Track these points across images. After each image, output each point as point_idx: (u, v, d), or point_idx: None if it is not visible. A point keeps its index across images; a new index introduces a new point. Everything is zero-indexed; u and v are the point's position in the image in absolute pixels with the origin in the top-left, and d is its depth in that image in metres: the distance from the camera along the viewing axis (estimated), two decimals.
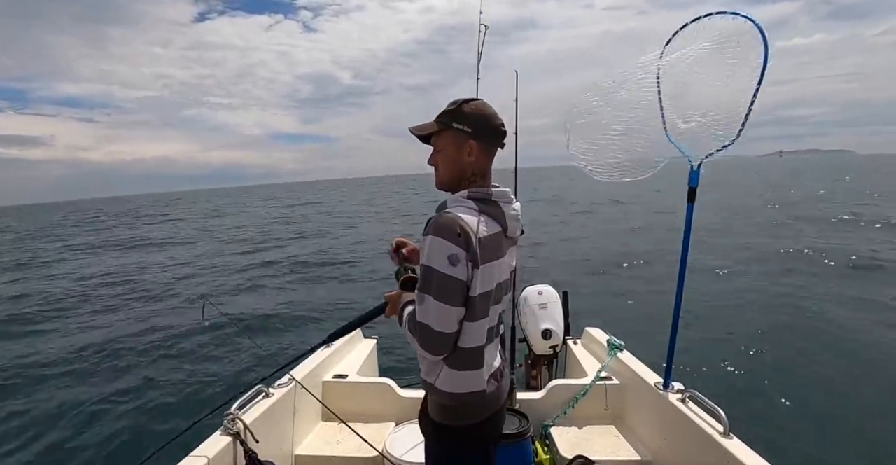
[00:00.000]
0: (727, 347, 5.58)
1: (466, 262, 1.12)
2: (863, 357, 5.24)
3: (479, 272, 1.15)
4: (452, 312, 1.14)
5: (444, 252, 1.11)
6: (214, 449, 1.74)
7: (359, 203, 38.73)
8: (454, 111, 1.23)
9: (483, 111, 1.24)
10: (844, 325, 6.28)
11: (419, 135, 1.30)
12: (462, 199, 1.22)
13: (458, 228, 1.11)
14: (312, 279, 10.11)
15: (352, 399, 2.62)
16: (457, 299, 1.14)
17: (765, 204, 20.44)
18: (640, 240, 12.70)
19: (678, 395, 2.13)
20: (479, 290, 1.16)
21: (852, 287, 7.82)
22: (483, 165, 1.26)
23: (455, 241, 1.11)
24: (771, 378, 4.71)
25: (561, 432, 2.45)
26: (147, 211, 48.11)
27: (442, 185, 1.30)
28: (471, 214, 1.17)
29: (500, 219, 1.23)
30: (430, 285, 1.13)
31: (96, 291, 9.72)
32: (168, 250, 16.04)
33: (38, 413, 4.37)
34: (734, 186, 31.26)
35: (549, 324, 3.00)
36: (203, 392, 4.70)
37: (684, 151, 1.92)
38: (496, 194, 1.24)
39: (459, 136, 1.22)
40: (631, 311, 6.93)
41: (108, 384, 5.00)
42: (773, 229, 13.67)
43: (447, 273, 1.11)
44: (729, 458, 1.68)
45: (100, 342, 6.41)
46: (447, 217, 1.14)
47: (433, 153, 1.30)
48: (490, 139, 1.25)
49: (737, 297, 7.68)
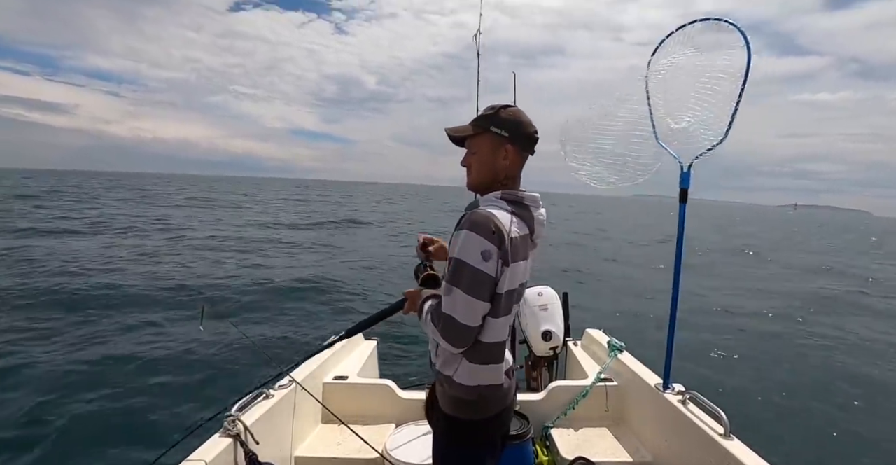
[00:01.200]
0: (727, 348, 5.58)
1: (497, 259, 1.16)
2: (863, 359, 5.24)
3: (508, 270, 1.18)
4: (479, 306, 1.17)
5: (477, 247, 1.14)
6: (215, 451, 1.74)
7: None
8: (492, 116, 1.27)
9: (520, 118, 1.28)
10: (845, 326, 6.28)
11: (455, 136, 1.34)
12: (496, 199, 1.26)
13: (493, 226, 1.15)
14: (312, 278, 10.10)
15: (352, 401, 2.62)
16: (485, 293, 1.17)
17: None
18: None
19: (678, 396, 2.13)
20: (505, 287, 1.20)
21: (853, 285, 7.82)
22: (515, 170, 1.30)
23: (489, 237, 1.14)
24: (771, 380, 4.72)
25: (561, 433, 2.45)
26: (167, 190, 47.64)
27: (474, 186, 1.34)
28: (504, 215, 1.20)
29: (529, 222, 1.27)
30: (460, 278, 1.16)
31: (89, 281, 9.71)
32: (167, 240, 15.98)
33: (34, 414, 4.36)
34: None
35: (549, 325, 3.00)
36: (203, 394, 4.69)
37: (674, 155, 1.97)
38: (527, 198, 1.29)
39: (496, 139, 1.26)
40: (631, 311, 6.93)
41: (108, 385, 4.99)
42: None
43: (479, 268, 1.15)
44: (729, 459, 1.68)
45: (96, 344, 6.40)
46: (482, 214, 1.18)
47: (467, 155, 1.33)
48: (525, 145, 1.29)
49: (737, 298, 7.68)
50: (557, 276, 9.95)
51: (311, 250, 14.30)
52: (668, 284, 2.10)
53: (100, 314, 7.79)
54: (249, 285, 9.65)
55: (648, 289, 8.82)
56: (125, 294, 8.75)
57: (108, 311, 8.25)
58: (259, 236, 16.70)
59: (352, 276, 10.46)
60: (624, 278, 10.69)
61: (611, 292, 9.18)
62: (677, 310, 2.09)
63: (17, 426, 4.22)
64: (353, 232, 19.42)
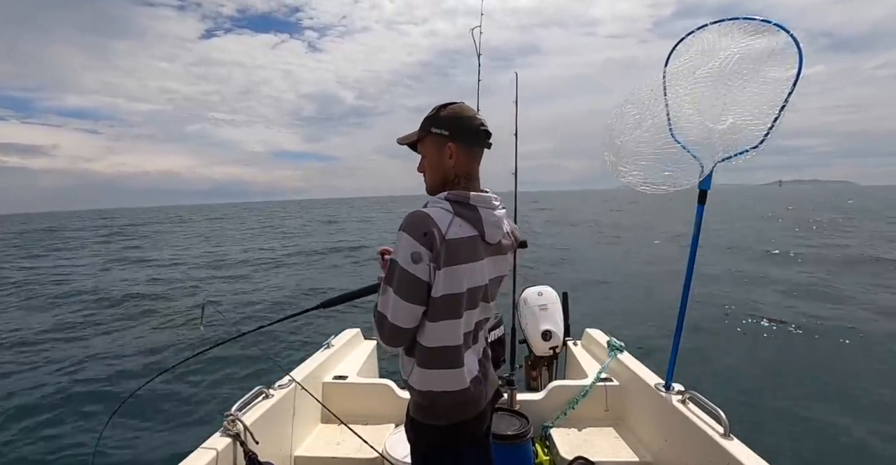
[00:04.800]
0: (727, 348, 5.58)
1: (429, 262, 1.13)
2: (864, 359, 5.24)
3: (441, 274, 1.14)
4: (408, 308, 1.15)
5: (408, 249, 1.12)
6: (214, 450, 1.74)
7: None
8: (433, 116, 1.25)
9: (460, 113, 1.24)
10: (844, 326, 6.28)
11: (406, 144, 1.32)
12: (439, 199, 1.22)
13: (425, 228, 1.12)
14: (313, 279, 10.10)
15: (352, 400, 2.62)
16: (414, 296, 1.15)
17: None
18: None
19: (678, 396, 2.13)
20: (441, 291, 1.15)
21: (853, 286, 7.83)
22: (466, 167, 1.25)
23: (420, 239, 1.12)
24: (771, 380, 4.72)
25: (561, 433, 2.45)
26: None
27: (430, 190, 1.30)
28: (443, 215, 1.16)
29: (477, 223, 1.20)
30: (392, 278, 1.16)
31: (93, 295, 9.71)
32: (165, 256, 16.05)
33: (30, 418, 4.36)
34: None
35: (549, 325, 3.00)
36: (203, 394, 4.69)
37: (696, 155, 1.87)
38: (474, 198, 1.21)
39: (439, 140, 1.23)
40: (630, 311, 6.93)
41: (106, 385, 4.99)
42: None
43: (407, 270, 1.13)
44: (729, 459, 1.68)
45: (95, 346, 6.41)
46: (418, 215, 1.15)
47: (420, 161, 1.31)
48: (469, 140, 1.24)
49: (737, 298, 7.68)
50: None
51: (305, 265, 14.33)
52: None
53: (97, 316, 7.78)
54: (250, 286, 9.65)
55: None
56: (124, 294, 8.76)
57: (108, 310, 8.25)
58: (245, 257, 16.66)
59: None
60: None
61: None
62: (686, 310, 2.05)
63: (13, 425, 4.22)
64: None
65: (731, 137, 1.76)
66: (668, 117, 1.90)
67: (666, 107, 1.90)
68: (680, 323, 2.07)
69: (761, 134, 1.70)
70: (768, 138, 1.70)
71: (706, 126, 1.80)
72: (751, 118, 1.71)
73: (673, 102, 1.88)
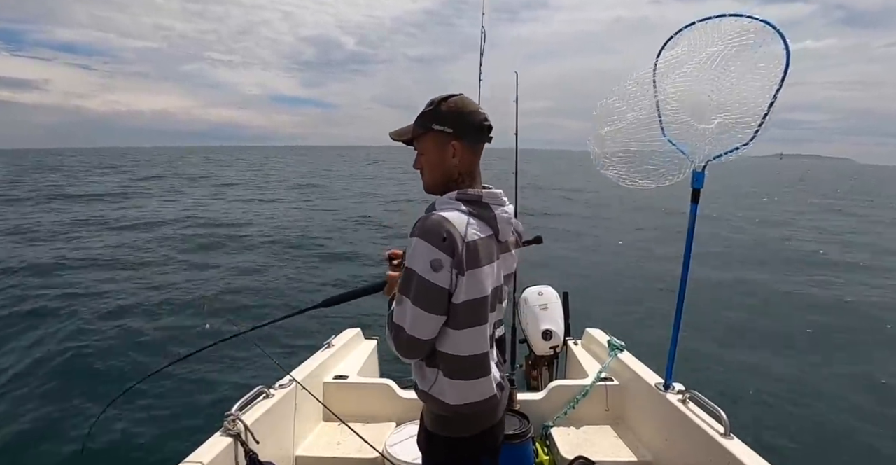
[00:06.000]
0: (728, 347, 5.58)
1: (451, 268, 1.07)
2: (864, 358, 5.24)
3: (464, 279, 1.09)
4: (428, 318, 1.10)
5: (427, 257, 1.06)
6: (215, 451, 1.74)
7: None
8: (432, 112, 1.17)
9: (462, 109, 1.16)
10: (845, 326, 6.28)
11: (401, 140, 1.24)
12: (451, 200, 1.16)
13: (444, 232, 1.06)
14: (313, 280, 10.09)
15: (352, 400, 2.62)
16: (435, 306, 1.09)
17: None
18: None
19: (679, 396, 2.13)
20: (463, 297, 1.10)
21: (853, 285, 7.83)
22: (470, 165, 1.20)
23: (440, 245, 1.06)
24: (772, 379, 4.71)
25: (561, 432, 2.45)
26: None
27: (429, 189, 1.24)
28: (459, 217, 1.11)
29: (491, 222, 1.17)
30: (409, 288, 1.10)
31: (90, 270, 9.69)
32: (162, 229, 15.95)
33: (29, 417, 4.35)
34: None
35: (549, 325, 3.00)
36: (203, 393, 4.69)
37: (686, 153, 1.87)
38: (486, 196, 1.18)
39: (441, 137, 1.16)
40: (630, 311, 6.93)
41: (107, 384, 4.99)
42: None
43: (428, 278, 1.07)
44: (730, 459, 1.68)
45: (92, 342, 6.39)
46: (434, 219, 1.09)
47: (417, 157, 1.23)
48: (474, 137, 1.19)
49: (738, 297, 7.68)
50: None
51: None
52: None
53: (92, 310, 7.77)
54: (249, 284, 9.65)
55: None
56: (120, 291, 8.74)
57: (102, 306, 8.24)
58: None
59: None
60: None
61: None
62: (683, 308, 2.05)
63: (8, 425, 4.22)
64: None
65: (721, 136, 1.77)
66: (659, 112, 1.89)
67: (655, 101, 1.89)
68: (677, 322, 2.07)
69: (752, 131, 1.71)
70: (758, 136, 1.71)
71: (695, 124, 1.81)
72: (740, 116, 1.72)
73: (662, 97, 1.88)
